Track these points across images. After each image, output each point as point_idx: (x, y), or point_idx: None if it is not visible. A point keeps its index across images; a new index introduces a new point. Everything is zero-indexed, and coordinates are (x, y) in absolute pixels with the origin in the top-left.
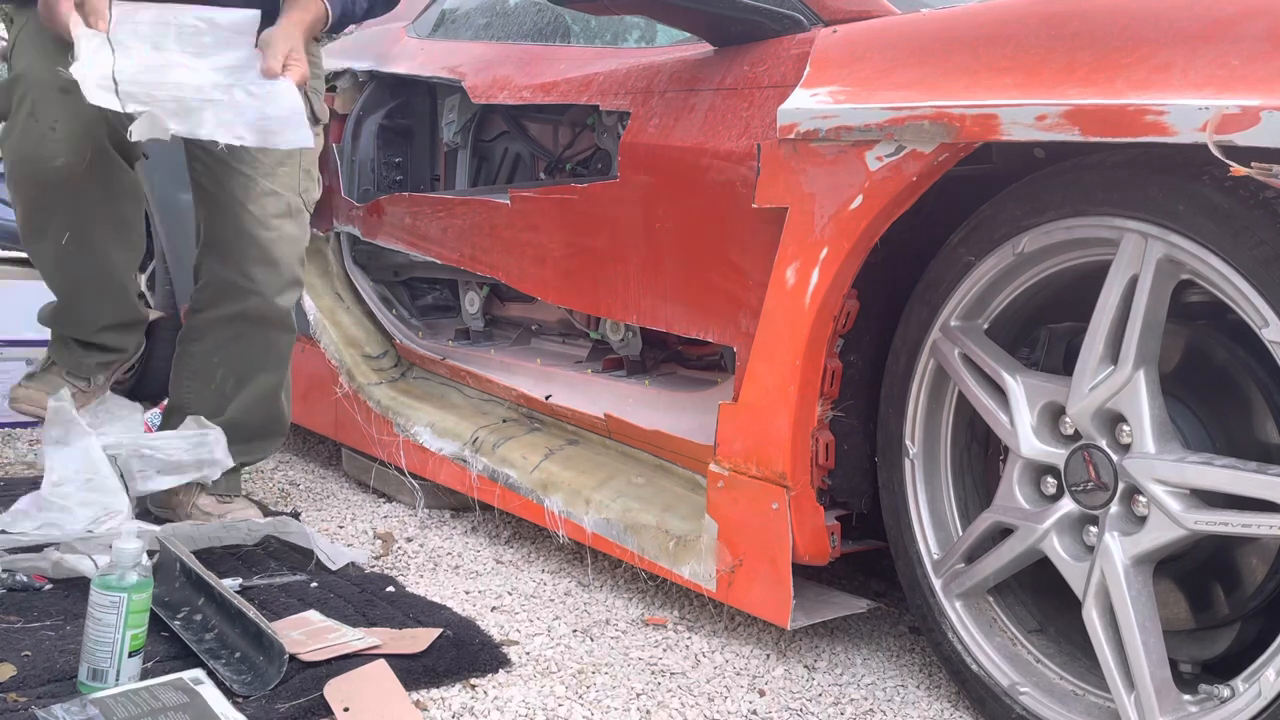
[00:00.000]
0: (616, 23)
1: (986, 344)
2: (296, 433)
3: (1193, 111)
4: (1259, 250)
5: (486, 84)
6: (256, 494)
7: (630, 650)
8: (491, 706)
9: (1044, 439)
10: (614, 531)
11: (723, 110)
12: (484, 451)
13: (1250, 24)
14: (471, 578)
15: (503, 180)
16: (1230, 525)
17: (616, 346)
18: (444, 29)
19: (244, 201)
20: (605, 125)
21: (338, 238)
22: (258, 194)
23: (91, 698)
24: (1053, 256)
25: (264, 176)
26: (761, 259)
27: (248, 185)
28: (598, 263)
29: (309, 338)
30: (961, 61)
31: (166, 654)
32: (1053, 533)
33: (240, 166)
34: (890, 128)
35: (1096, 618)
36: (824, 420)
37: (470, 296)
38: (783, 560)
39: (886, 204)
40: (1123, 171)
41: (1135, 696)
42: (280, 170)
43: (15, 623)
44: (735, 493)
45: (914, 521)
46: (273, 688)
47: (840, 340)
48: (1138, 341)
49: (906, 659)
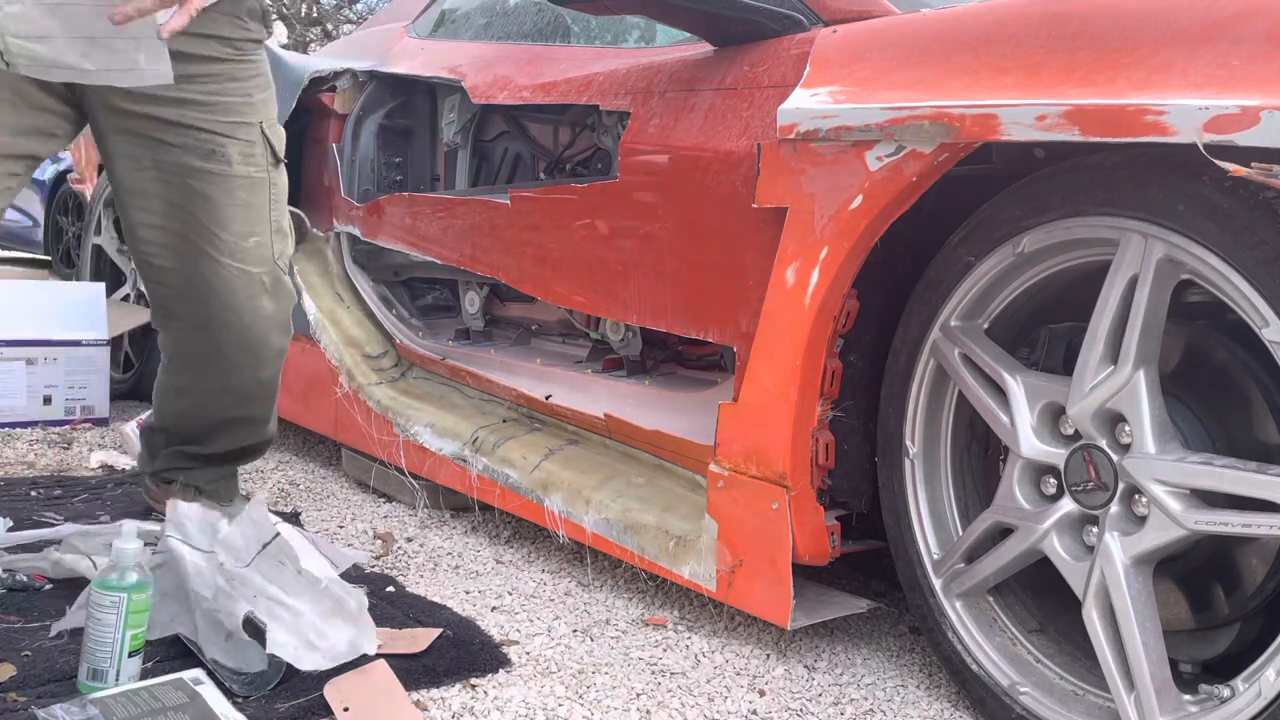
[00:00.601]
0: (616, 23)
1: (986, 344)
2: (296, 433)
3: (1193, 111)
4: (1259, 250)
5: (486, 84)
6: (256, 494)
7: (630, 650)
8: (491, 706)
9: (1044, 439)
10: (614, 531)
11: (723, 110)
12: (484, 451)
13: (1250, 24)
14: (471, 578)
15: (503, 180)
16: (1230, 525)
17: (616, 346)
18: (444, 29)
19: (215, 290)
20: (605, 125)
21: (338, 238)
22: (226, 280)
23: (91, 698)
24: (1053, 256)
25: (229, 256)
26: (761, 259)
27: (215, 270)
28: (598, 263)
29: (309, 338)
30: (961, 61)
31: (166, 654)
32: (1053, 533)
33: (204, 246)
34: (890, 128)
35: (1096, 618)
36: (824, 420)
37: (470, 296)
38: (783, 560)
39: (886, 204)
40: (1123, 171)
41: (1135, 696)
42: (248, 245)
43: (15, 623)
44: (735, 493)
45: (914, 521)
46: (273, 688)
47: (840, 340)
48: (1138, 341)
49: (906, 659)
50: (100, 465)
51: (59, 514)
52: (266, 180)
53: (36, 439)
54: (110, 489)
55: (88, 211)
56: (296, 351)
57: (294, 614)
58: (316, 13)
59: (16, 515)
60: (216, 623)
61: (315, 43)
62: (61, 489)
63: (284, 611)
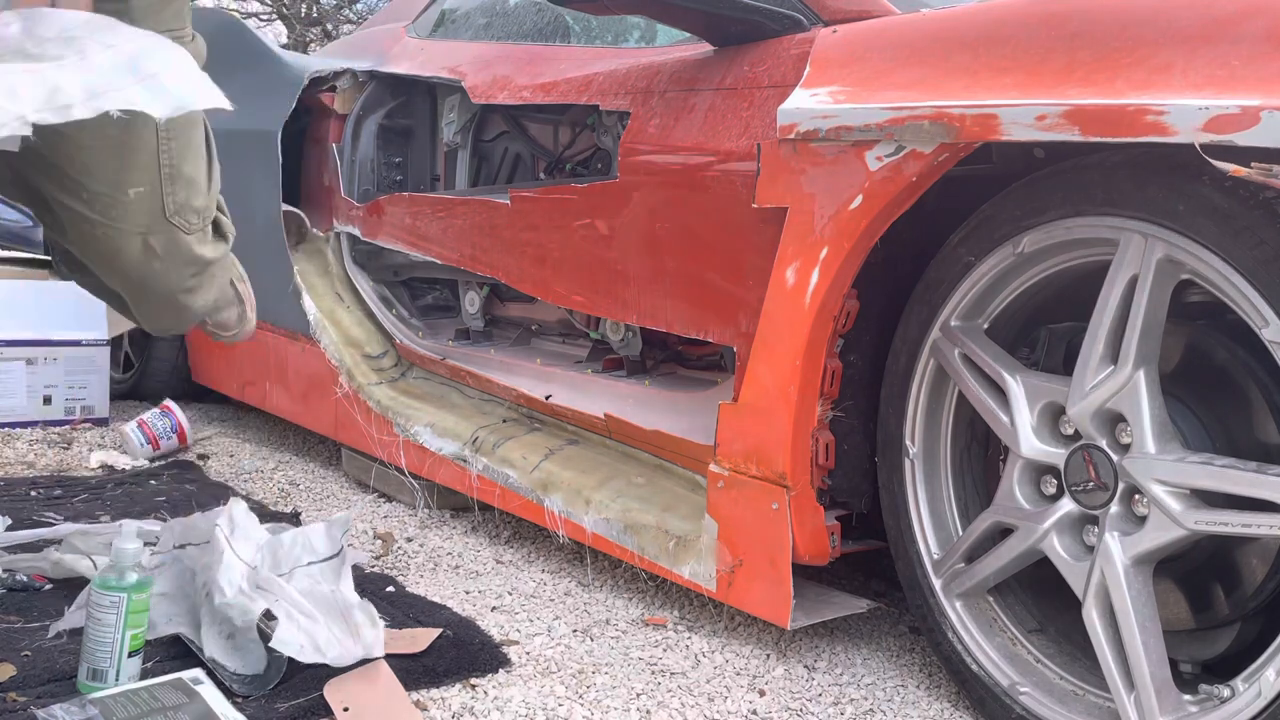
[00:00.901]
0: (616, 23)
1: (986, 344)
2: (296, 433)
3: (1193, 111)
4: (1259, 250)
5: (486, 84)
6: (257, 494)
7: (630, 650)
8: (491, 706)
9: (1044, 439)
10: (614, 531)
11: (723, 110)
12: (484, 451)
13: (1250, 24)
14: (471, 578)
15: (503, 180)
16: (1230, 525)
17: (616, 346)
18: (444, 29)
19: (99, 253)
20: (605, 125)
21: (338, 238)
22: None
23: (91, 698)
24: (1053, 256)
25: (101, 213)
26: (761, 259)
27: (88, 230)
28: (598, 263)
29: (309, 338)
30: (961, 61)
31: (166, 654)
32: (1053, 533)
33: (67, 200)
34: (890, 128)
35: (1096, 618)
36: (824, 420)
37: (470, 296)
38: (783, 560)
39: (886, 204)
40: (1123, 171)
41: (1135, 696)
42: (126, 198)
43: (15, 623)
44: (735, 493)
45: (914, 521)
46: (273, 688)
47: (840, 340)
48: (1138, 341)
49: (906, 659)
50: (100, 465)
51: (59, 514)
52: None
53: (36, 439)
54: (110, 489)
55: None
56: (296, 351)
57: (310, 620)
58: (316, 13)
59: (16, 515)
60: (223, 620)
61: (315, 43)
62: (61, 489)
63: (301, 616)
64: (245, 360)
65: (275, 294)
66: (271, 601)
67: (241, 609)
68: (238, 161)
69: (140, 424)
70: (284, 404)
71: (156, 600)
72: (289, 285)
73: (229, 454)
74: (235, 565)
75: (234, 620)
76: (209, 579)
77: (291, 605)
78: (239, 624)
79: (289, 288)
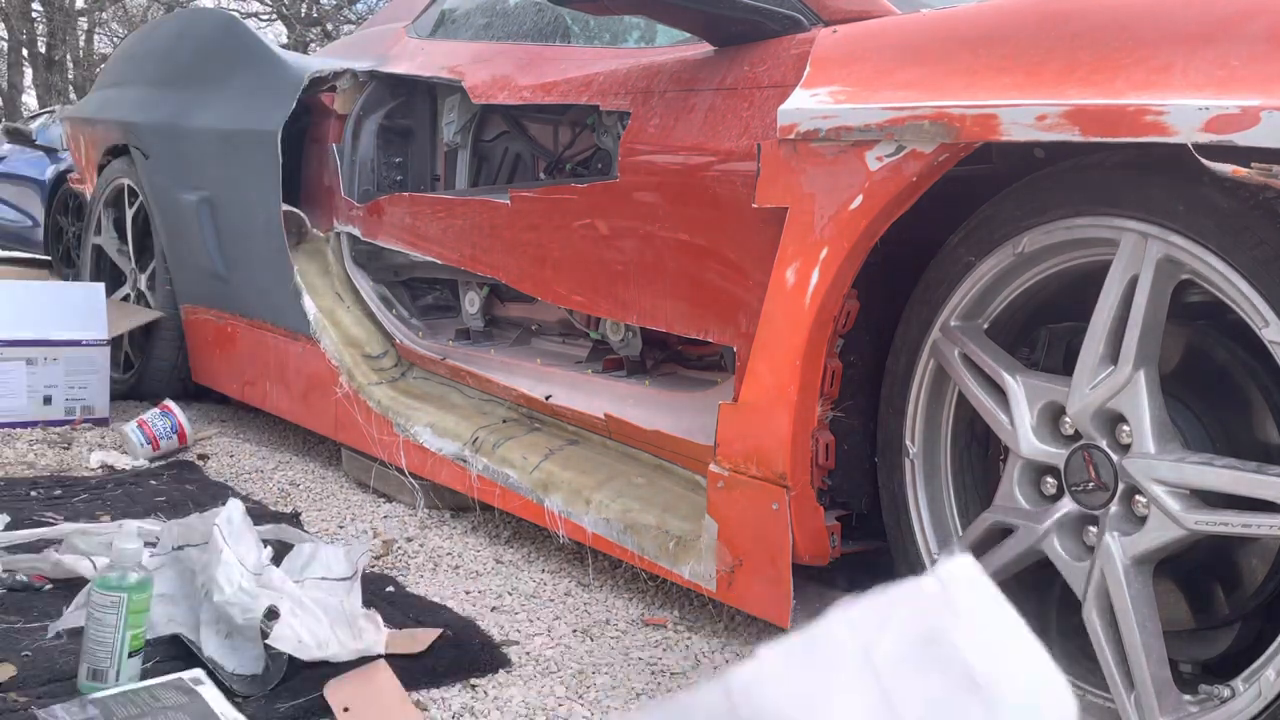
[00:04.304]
0: (616, 23)
1: (986, 344)
2: (296, 433)
3: (1193, 111)
4: (1259, 250)
5: (486, 84)
6: (257, 494)
7: (630, 650)
8: (491, 706)
9: (1044, 439)
10: (614, 531)
11: (723, 110)
12: (484, 451)
13: (1250, 24)
14: (471, 578)
15: (503, 180)
16: (1230, 525)
17: (616, 346)
18: (444, 29)
19: None
20: (605, 125)
21: (338, 238)
22: None
23: (91, 698)
24: (1053, 256)
25: None
26: (761, 259)
27: None
28: (598, 263)
29: (309, 338)
30: (961, 61)
31: (166, 654)
32: (1053, 533)
33: None
34: (890, 128)
35: (1096, 618)
36: (824, 420)
37: (470, 296)
38: (783, 560)
39: (886, 204)
40: (1123, 171)
41: (1135, 696)
42: None
43: (15, 623)
44: (735, 493)
45: (914, 521)
46: (273, 688)
47: (840, 340)
48: (1138, 341)
49: None
50: (100, 465)
51: (59, 514)
52: None
53: (36, 439)
54: (110, 489)
55: (88, 211)
56: (297, 351)
57: (313, 618)
58: (316, 13)
59: (16, 515)
60: (223, 618)
61: (315, 43)
62: (61, 489)
63: (303, 613)
64: (245, 360)
65: (275, 294)
66: (275, 598)
67: (243, 606)
68: (238, 162)
69: (140, 424)
70: (284, 404)
71: (156, 601)
72: (289, 285)
73: (229, 454)
74: (234, 564)
75: (234, 618)
76: (208, 578)
77: (295, 603)
78: (239, 622)
79: (289, 287)
